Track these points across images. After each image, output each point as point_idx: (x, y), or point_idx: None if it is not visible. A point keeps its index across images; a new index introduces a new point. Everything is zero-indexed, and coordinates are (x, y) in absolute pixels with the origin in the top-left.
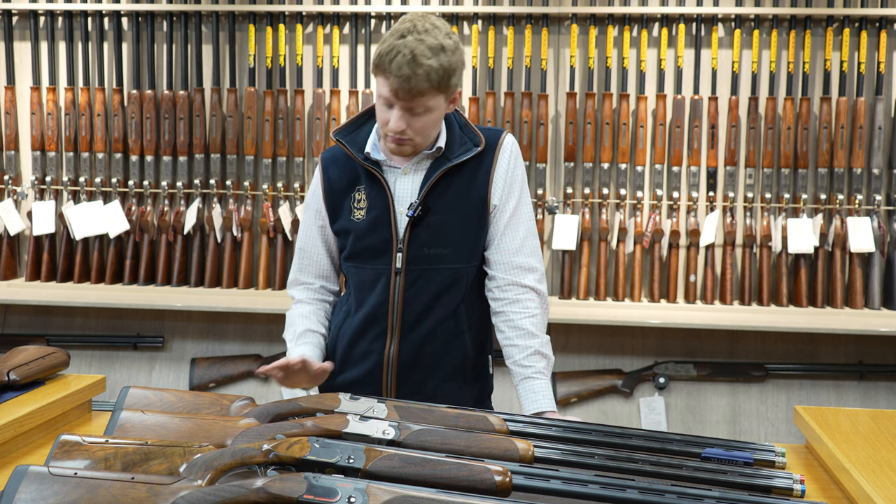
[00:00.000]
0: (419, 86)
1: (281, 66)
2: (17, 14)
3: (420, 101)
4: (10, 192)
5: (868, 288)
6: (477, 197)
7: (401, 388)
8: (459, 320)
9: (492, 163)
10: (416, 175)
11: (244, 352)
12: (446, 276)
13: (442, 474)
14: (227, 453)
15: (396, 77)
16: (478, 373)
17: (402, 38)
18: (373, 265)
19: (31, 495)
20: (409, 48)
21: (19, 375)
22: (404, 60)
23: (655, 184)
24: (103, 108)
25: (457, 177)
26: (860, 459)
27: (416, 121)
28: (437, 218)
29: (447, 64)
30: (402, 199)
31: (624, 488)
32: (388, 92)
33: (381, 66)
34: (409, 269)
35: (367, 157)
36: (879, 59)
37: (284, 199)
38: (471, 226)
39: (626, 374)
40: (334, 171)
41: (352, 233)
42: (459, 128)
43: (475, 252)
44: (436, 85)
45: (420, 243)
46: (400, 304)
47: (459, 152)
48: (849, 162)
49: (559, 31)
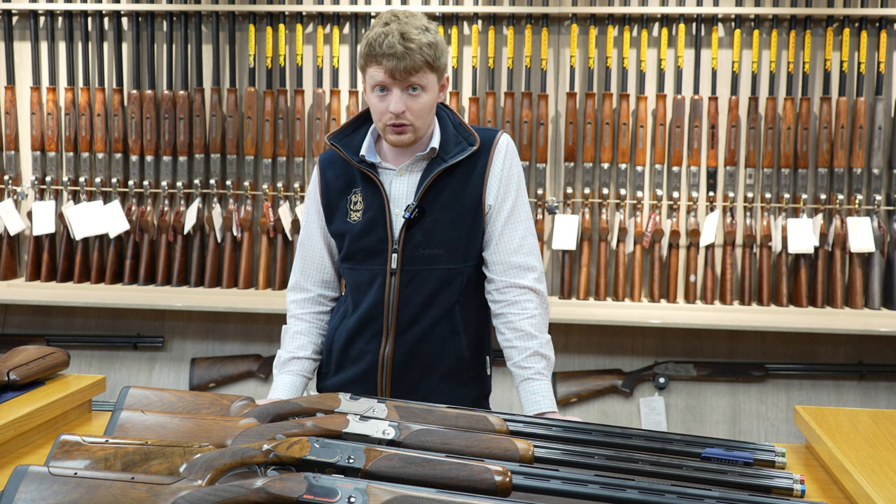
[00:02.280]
0: (414, 61)
1: (281, 66)
2: (17, 14)
3: (415, 78)
4: (10, 192)
5: (868, 288)
6: (471, 197)
7: (395, 388)
8: (455, 321)
9: (487, 163)
10: (411, 176)
11: (244, 352)
12: (441, 277)
13: (442, 474)
14: (227, 453)
15: (390, 57)
16: (474, 373)
17: (386, 25)
18: (368, 266)
19: (31, 495)
20: (397, 30)
21: (19, 375)
22: (395, 40)
23: (655, 184)
24: (103, 108)
25: (452, 177)
26: (860, 459)
27: (413, 102)
28: (432, 218)
29: (434, 41)
30: (397, 200)
31: (624, 488)
32: (384, 74)
33: (371, 53)
34: (405, 270)
35: (363, 159)
36: (879, 59)
37: (284, 199)
38: (465, 226)
39: (626, 374)
40: (331, 173)
41: (347, 234)
42: (454, 127)
43: (470, 252)
44: (429, 60)
45: (415, 244)
46: (395, 304)
47: (454, 152)
48: (849, 162)
49: (559, 31)
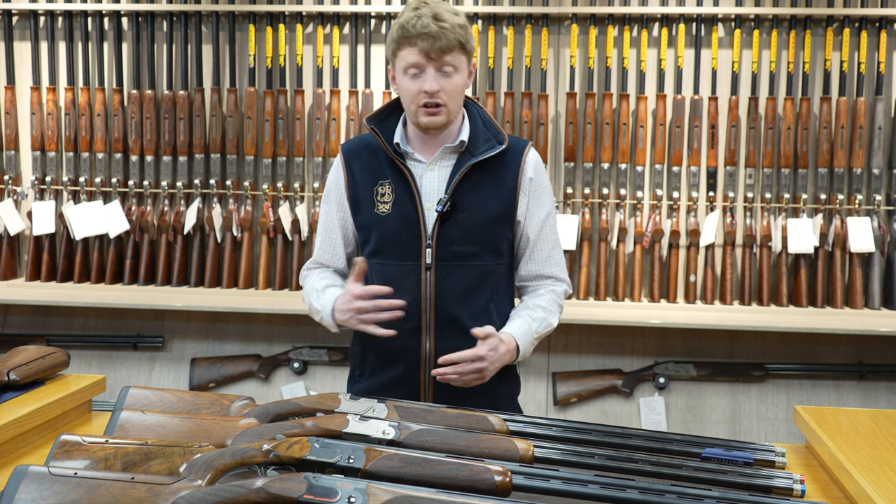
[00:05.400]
0: (448, 41)
1: (281, 66)
2: (17, 14)
3: (449, 57)
4: (10, 192)
5: (868, 288)
6: (503, 203)
7: (438, 386)
8: (491, 318)
9: (518, 174)
10: (441, 171)
11: (244, 352)
12: (477, 273)
13: (442, 474)
14: (227, 453)
15: (424, 37)
16: (510, 369)
17: (417, 9)
18: (400, 261)
19: (31, 495)
20: (430, 11)
21: (19, 375)
22: (429, 20)
23: (655, 184)
24: (103, 108)
25: (482, 175)
26: (860, 459)
27: (447, 82)
28: (466, 215)
29: (464, 23)
30: (428, 194)
31: (624, 488)
32: (418, 55)
33: (405, 35)
34: (440, 265)
35: (397, 147)
36: (879, 59)
37: (284, 199)
38: (496, 227)
39: (626, 374)
40: (357, 165)
41: (375, 227)
42: (483, 123)
43: (503, 251)
44: (462, 41)
45: (449, 240)
46: (433, 300)
47: (484, 148)
48: (849, 162)
49: (559, 31)
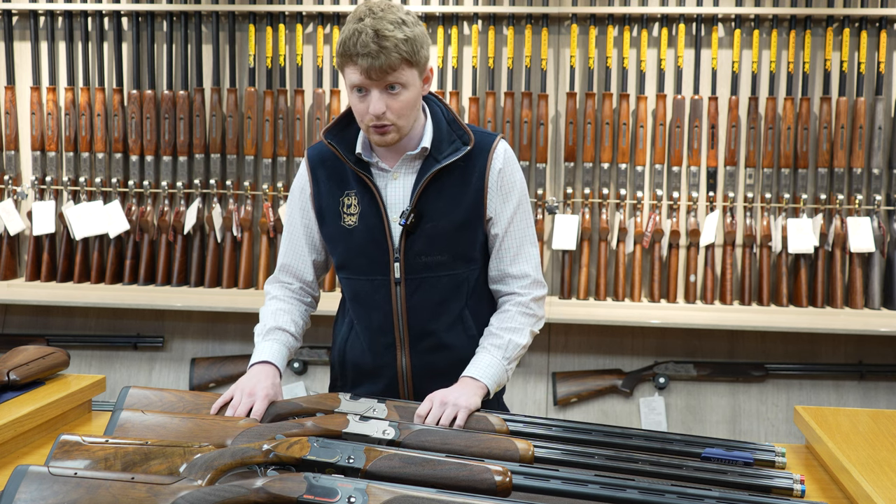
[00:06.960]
0: (389, 59)
1: (281, 66)
2: (17, 14)
3: (393, 76)
4: (10, 192)
5: (868, 288)
6: (471, 204)
7: (420, 398)
8: (467, 325)
9: (485, 171)
10: (405, 179)
11: (244, 352)
12: (448, 283)
13: (442, 474)
14: (227, 453)
15: (364, 56)
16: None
17: (360, 21)
18: (369, 276)
19: (31, 495)
20: (370, 27)
21: (19, 375)
22: (368, 38)
23: (655, 184)
24: (103, 108)
25: (448, 179)
26: (860, 459)
27: (394, 101)
28: (432, 225)
29: (411, 35)
30: (393, 205)
31: (624, 488)
32: (360, 75)
33: (346, 52)
34: (409, 279)
35: (359, 157)
36: (879, 59)
37: (284, 199)
38: (466, 232)
39: (626, 374)
40: (322, 173)
41: (342, 240)
42: (447, 124)
43: (474, 256)
44: (406, 56)
45: (417, 252)
46: (404, 314)
47: (448, 151)
48: (849, 162)
49: (559, 31)
